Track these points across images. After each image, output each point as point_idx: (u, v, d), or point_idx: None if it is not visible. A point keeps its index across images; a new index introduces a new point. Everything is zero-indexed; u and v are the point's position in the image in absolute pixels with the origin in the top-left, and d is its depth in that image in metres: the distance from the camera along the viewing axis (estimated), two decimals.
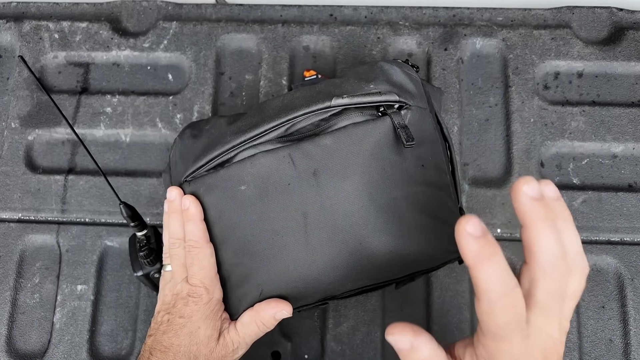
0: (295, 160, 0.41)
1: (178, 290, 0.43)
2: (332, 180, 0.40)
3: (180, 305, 0.42)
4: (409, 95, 0.43)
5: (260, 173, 0.41)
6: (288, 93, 0.45)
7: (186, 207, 0.43)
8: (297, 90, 0.45)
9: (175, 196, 0.44)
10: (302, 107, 0.41)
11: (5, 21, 0.64)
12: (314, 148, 0.41)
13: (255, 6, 0.63)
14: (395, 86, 0.43)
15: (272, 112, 0.42)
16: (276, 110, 0.42)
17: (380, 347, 0.53)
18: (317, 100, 0.41)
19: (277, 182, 0.41)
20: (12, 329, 0.55)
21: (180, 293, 0.43)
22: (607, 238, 0.55)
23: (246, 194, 0.42)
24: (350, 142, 0.40)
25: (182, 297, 0.42)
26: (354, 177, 0.40)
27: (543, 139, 0.58)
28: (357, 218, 0.40)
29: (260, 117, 0.43)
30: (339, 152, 0.40)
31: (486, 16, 0.62)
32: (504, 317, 0.28)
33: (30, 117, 0.61)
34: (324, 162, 0.40)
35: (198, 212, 0.43)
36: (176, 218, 0.44)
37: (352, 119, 0.41)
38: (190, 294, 0.42)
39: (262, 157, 0.41)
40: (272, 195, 0.41)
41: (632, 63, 0.59)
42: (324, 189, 0.40)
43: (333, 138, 0.41)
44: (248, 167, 0.41)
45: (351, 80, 0.43)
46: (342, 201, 0.40)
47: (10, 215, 0.58)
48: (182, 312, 0.42)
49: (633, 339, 0.52)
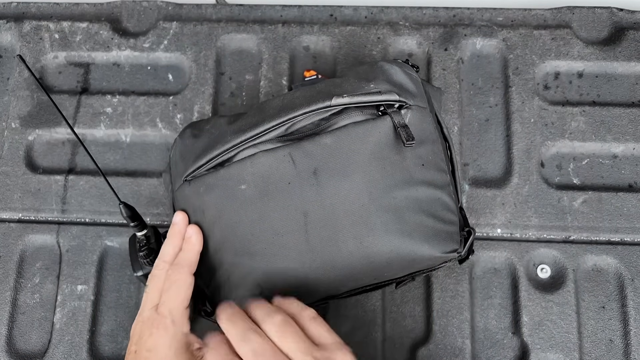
0: (296, 160, 0.41)
1: (144, 318, 0.41)
2: (333, 180, 0.40)
3: (146, 336, 0.40)
4: (409, 94, 0.43)
5: (260, 172, 0.41)
6: (288, 93, 0.45)
7: (189, 236, 0.43)
8: (297, 90, 0.45)
9: (179, 221, 0.44)
10: (302, 106, 0.41)
11: (5, 21, 0.64)
12: (314, 147, 0.41)
13: (256, 6, 0.63)
14: (396, 86, 0.43)
15: (273, 111, 0.42)
16: (276, 109, 0.42)
17: (381, 347, 0.53)
18: (317, 99, 0.41)
19: (277, 181, 0.41)
20: (13, 329, 0.55)
21: (146, 322, 0.41)
22: (608, 238, 0.55)
23: (246, 193, 0.42)
24: (351, 141, 0.40)
25: (148, 327, 0.41)
26: (354, 176, 0.40)
27: (543, 139, 0.58)
28: (357, 217, 0.40)
29: (261, 117, 0.43)
30: (339, 151, 0.40)
31: (486, 16, 0.62)
32: None
33: (30, 117, 0.61)
34: (324, 161, 0.40)
35: (198, 245, 0.43)
36: (172, 243, 0.44)
37: (352, 118, 0.41)
38: (155, 324, 0.40)
39: (262, 156, 0.41)
40: (272, 195, 0.41)
41: (632, 63, 0.59)
42: (324, 188, 0.40)
43: (333, 137, 0.41)
44: (248, 166, 0.41)
45: (351, 80, 0.43)
46: (343, 200, 0.40)
47: (11, 215, 0.58)
48: (148, 344, 0.40)
49: (633, 339, 0.52)
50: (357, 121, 0.41)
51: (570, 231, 0.55)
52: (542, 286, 0.54)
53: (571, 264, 0.54)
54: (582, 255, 0.54)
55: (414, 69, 0.47)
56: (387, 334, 0.53)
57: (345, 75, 0.46)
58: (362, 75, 0.44)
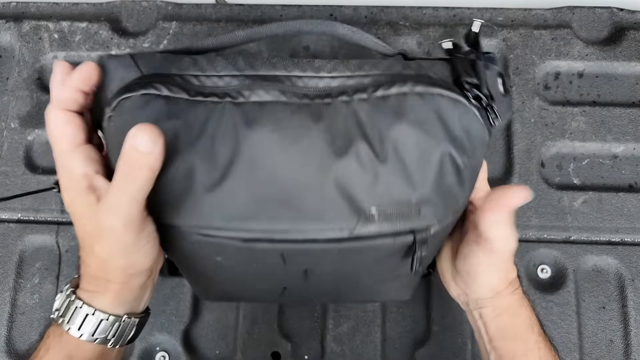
0: (287, 258, 0.35)
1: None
2: (321, 277, 0.39)
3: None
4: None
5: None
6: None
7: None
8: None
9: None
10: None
11: (4, 21, 0.64)
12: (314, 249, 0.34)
13: (255, 6, 0.63)
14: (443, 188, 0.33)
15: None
16: None
17: (380, 347, 0.53)
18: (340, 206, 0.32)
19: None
20: (12, 329, 0.55)
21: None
22: (608, 238, 0.55)
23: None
24: (356, 256, 0.35)
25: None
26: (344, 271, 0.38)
27: (543, 139, 0.58)
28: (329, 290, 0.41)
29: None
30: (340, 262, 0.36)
31: (486, 16, 0.62)
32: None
33: (29, 117, 0.61)
34: (316, 263, 0.36)
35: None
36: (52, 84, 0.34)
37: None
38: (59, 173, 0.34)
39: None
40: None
41: (632, 63, 0.59)
42: (311, 281, 0.39)
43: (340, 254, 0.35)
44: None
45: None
46: (322, 282, 0.40)
47: (10, 215, 0.58)
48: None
49: (634, 339, 0.52)
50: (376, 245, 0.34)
51: (571, 231, 0.55)
52: (542, 286, 0.54)
53: (571, 264, 0.54)
54: (583, 255, 0.54)
55: (504, 89, 0.35)
56: (387, 334, 0.53)
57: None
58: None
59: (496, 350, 0.39)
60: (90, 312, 0.33)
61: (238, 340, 0.53)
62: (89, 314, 0.33)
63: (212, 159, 0.31)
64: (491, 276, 0.38)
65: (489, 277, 0.38)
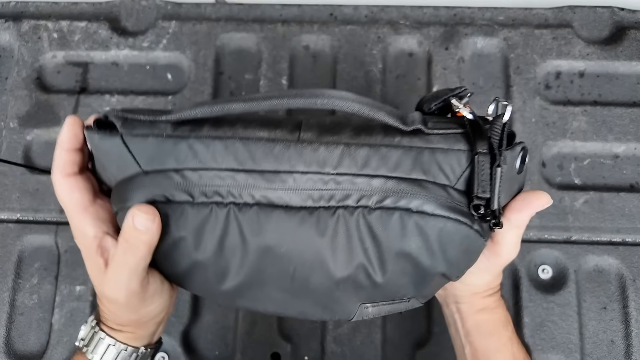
0: None
1: None
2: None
3: None
4: None
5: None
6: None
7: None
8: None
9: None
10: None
11: (4, 21, 0.64)
12: None
13: (255, 5, 0.63)
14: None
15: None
16: None
17: (381, 348, 0.53)
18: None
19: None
20: (11, 330, 0.55)
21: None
22: (609, 239, 0.55)
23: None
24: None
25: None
26: None
27: (544, 139, 0.57)
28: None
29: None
30: None
31: (487, 15, 0.61)
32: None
33: (28, 117, 0.61)
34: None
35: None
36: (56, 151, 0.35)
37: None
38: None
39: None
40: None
41: (633, 63, 0.59)
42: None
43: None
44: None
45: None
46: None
47: (9, 215, 0.58)
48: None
49: (635, 340, 0.52)
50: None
51: (572, 231, 0.55)
52: (544, 287, 0.54)
53: (572, 265, 0.54)
54: (584, 255, 0.54)
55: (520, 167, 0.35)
56: (387, 336, 0.53)
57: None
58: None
59: (471, 344, 0.41)
60: (112, 344, 0.37)
61: (237, 340, 0.53)
62: (111, 344, 0.37)
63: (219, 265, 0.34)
64: (481, 279, 0.40)
65: (478, 279, 0.40)
